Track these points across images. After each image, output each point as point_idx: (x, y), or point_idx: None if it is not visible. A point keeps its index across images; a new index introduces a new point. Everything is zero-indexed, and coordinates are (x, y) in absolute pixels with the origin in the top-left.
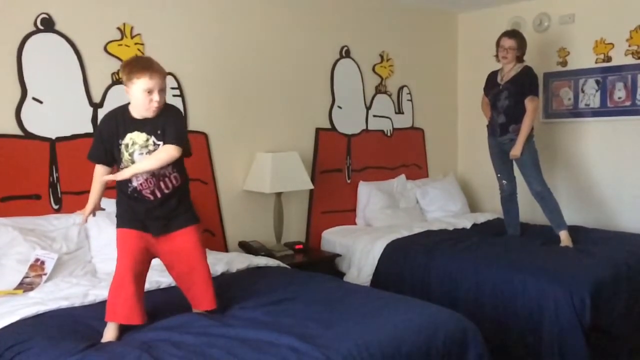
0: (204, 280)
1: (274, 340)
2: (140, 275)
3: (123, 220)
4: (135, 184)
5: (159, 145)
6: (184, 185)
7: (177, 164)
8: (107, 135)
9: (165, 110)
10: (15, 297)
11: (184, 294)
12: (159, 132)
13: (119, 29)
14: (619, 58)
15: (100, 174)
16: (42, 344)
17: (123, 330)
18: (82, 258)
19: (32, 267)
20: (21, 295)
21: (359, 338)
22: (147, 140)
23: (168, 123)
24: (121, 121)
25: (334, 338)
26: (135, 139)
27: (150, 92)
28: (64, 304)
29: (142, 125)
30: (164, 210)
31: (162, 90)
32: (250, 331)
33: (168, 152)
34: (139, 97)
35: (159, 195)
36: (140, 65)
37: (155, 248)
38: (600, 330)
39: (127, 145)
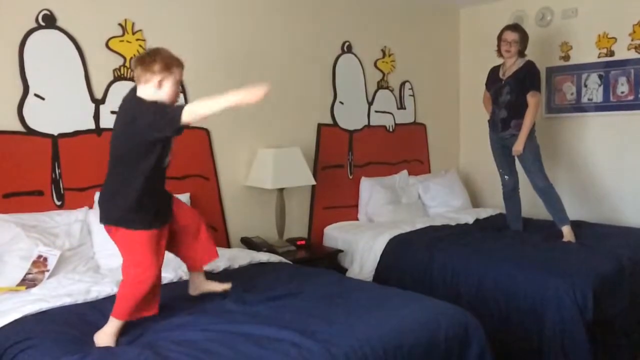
0: (205, 230)
1: (276, 336)
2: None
3: (134, 222)
4: (170, 158)
5: None
6: None
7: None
8: None
9: None
10: (18, 294)
11: (183, 256)
12: None
13: (120, 25)
14: (622, 52)
15: None
16: (45, 341)
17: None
18: (84, 254)
19: (35, 263)
20: (24, 292)
21: (361, 333)
22: None
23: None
24: None
25: (336, 333)
26: None
27: (179, 83)
28: (67, 300)
29: None
30: (166, 198)
31: None
32: (252, 327)
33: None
34: (172, 89)
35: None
36: (174, 58)
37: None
38: (602, 325)
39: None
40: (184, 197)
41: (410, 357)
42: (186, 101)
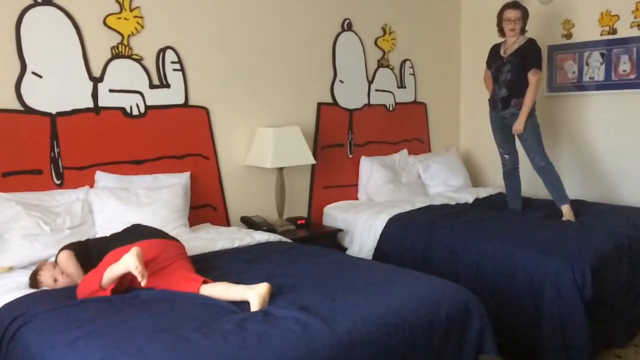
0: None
1: (280, 314)
2: None
3: None
4: None
5: None
6: None
7: None
8: None
9: None
10: (20, 274)
11: None
12: None
13: (117, 1)
14: (625, 30)
15: None
16: (49, 313)
17: None
18: (86, 232)
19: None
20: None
21: (363, 311)
22: None
23: None
24: None
25: (339, 311)
26: None
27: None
28: None
29: None
30: None
31: None
32: None
33: None
34: None
35: None
36: None
37: None
38: (600, 303)
39: None
40: (184, 177)
41: (411, 334)
42: (185, 81)
